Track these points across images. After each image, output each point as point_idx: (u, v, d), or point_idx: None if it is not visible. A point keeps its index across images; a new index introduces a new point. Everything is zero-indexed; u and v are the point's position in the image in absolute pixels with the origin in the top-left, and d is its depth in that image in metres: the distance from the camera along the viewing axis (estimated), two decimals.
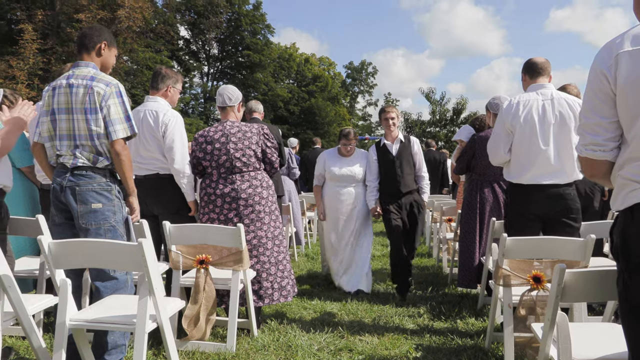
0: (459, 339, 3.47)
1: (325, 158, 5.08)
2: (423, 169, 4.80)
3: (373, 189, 4.82)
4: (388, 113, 4.76)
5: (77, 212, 2.58)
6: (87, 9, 19.96)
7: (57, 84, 2.67)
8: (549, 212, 3.20)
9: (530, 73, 3.34)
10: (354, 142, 4.99)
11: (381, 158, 4.77)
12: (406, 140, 4.79)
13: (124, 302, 2.48)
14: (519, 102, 3.25)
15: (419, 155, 4.79)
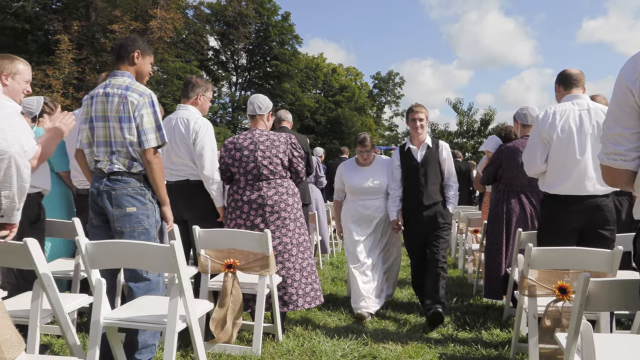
0: (483, 349, 3.46)
1: (342, 170, 4.53)
2: (452, 177, 4.29)
3: (396, 198, 4.31)
4: (416, 113, 4.21)
5: (113, 215, 2.69)
6: (120, 20, 20.55)
7: (95, 93, 2.80)
8: (585, 223, 3.17)
9: (564, 84, 3.33)
10: (371, 148, 4.48)
11: (404, 164, 4.27)
12: (434, 145, 4.26)
13: (156, 302, 2.57)
14: (555, 112, 3.23)
15: (447, 162, 4.27)
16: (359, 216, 4.41)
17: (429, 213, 4.15)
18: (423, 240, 4.21)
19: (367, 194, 4.39)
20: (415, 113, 4.22)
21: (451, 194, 4.28)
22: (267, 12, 33.28)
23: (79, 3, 24.37)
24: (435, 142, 4.31)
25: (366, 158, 4.44)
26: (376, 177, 4.39)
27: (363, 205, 4.39)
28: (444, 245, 4.21)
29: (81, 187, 3.79)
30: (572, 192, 3.16)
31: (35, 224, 2.93)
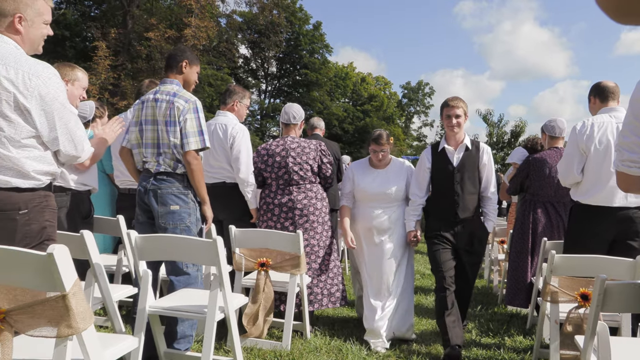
0: (505, 354, 3.54)
1: (353, 170, 3.90)
2: (491, 187, 3.64)
3: (416, 206, 3.68)
4: (451, 108, 3.53)
5: (158, 212, 2.90)
6: (156, 28, 21.15)
7: (145, 98, 3.02)
8: (616, 234, 3.21)
9: (600, 97, 3.37)
10: (388, 147, 3.80)
11: (436, 167, 3.62)
12: (474, 147, 3.61)
13: (195, 294, 2.76)
14: (593, 124, 3.26)
15: (488, 169, 3.63)
16: (367, 226, 3.79)
17: (463, 230, 3.55)
18: (454, 258, 3.59)
19: (378, 201, 3.77)
20: (451, 108, 3.54)
21: (490, 209, 3.65)
22: (299, 21, 33.72)
23: (116, 11, 25.21)
24: (476, 144, 3.64)
25: (381, 159, 3.79)
26: (391, 182, 3.76)
27: (372, 214, 3.76)
28: (475, 269, 3.71)
29: (123, 186, 4.02)
30: (604, 203, 3.20)
31: (87, 219, 3.17)
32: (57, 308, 1.47)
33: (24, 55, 2.08)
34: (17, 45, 2.09)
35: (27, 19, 2.10)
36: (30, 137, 2.06)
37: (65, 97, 2.17)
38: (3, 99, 1.97)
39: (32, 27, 2.13)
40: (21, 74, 2.00)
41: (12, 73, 1.99)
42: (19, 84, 1.99)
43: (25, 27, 2.10)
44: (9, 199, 2.01)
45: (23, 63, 2.03)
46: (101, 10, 26.89)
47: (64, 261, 1.45)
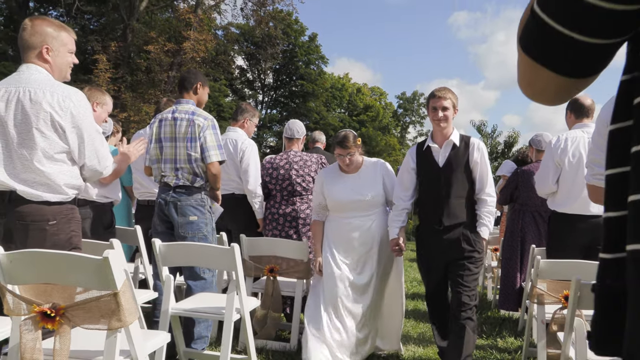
0: (498, 354, 3.80)
1: (322, 179, 3.46)
2: (486, 188, 3.15)
3: (400, 211, 3.25)
4: (438, 100, 3.10)
5: (177, 222, 3.16)
6: (155, 42, 21.44)
7: (163, 117, 3.29)
8: (590, 240, 3.49)
9: (576, 113, 3.68)
10: (355, 150, 3.35)
11: (422, 167, 3.22)
12: (463, 143, 3.17)
13: (211, 297, 3.02)
14: (567, 139, 3.59)
15: (481, 168, 3.14)
16: (344, 240, 3.35)
17: (450, 236, 3.10)
18: (442, 273, 3.20)
19: (354, 210, 3.34)
20: (437, 99, 3.11)
21: (484, 212, 3.15)
22: (294, 33, 34.16)
23: (116, 25, 25.56)
24: (465, 140, 3.19)
25: (348, 164, 3.36)
26: (366, 187, 3.36)
27: (349, 226, 3.34)
28: (471, 281, 3.11)
29: (142, 198, 4.28)
30: (578, 211, 3.52)
31: (109, 229, 3.42)
32: (110, 304, 1.73)
33: (55, 81, 2.35)
34: (48, 72, 2.36)
35: (53, 49, 2.37)
36: (61, 152, 2.31)
37: (92, 117, 2.44)
38: (41, 117, 2.23)
39: (58, 56, 2.39)
40: (56, 96, 2.27)
41: (49, 95, 2.25)
42: (55, 105, 2.25)
43: (52, 56, 2.37)
44: (39, 211, 2.26)
45: (57, 87, 2.30)
46: (100, 24, 27.25)
47: (116, 264, 1.71)
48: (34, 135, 2.21)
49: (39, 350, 1.76)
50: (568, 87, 0.71)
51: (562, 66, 0.68)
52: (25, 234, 2.17)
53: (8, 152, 2.21)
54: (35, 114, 2.21)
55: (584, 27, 0.63)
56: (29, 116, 2.21)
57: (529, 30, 0.69)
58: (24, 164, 2.21)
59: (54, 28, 2.36)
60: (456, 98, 3.18)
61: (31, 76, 2.27)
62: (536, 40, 0.68)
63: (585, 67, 0.68)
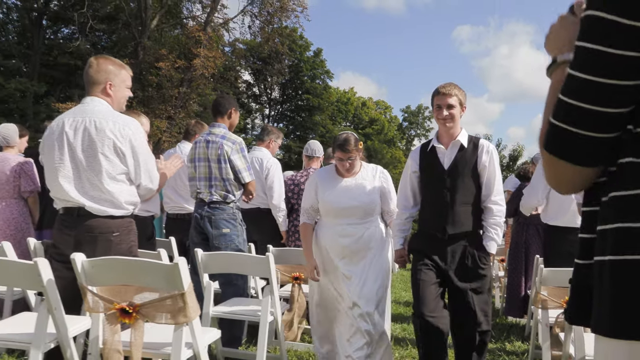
0: (506, 356, 4.09)
1: (316, 181, 3.26)
2: (493, 195, 2.89)
3: (404, 219, 3.09)
4: (443, 97, 2.84)
5: (212, 234, 3.50)
6: (166, 58, 21.97)
7: (198, 140, 3.65)
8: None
9: None
10: (357, 155, 3.13)
11: (425, 170, 2.98)
12: (471, 144, 2.92)
13: (245, 302, 3.34)
14: None
15: (489, 172, 2.89)
16: (336, 248, 3.12)
17: (454, 249, 2.85)
18: (441, 289, 2.89)
19: (348, 217, 3.11)
20: (442, 97, 2.85)
21: (491, 223, 2.89)
22: (299, 49, 34.72)
23: (127, 42, 26.18)
24: (474, 141, 2.94)
25: (349, 168, 3.15)
26: (362, 193, 3.13)
27: (342, 232, 3.10)
28: (482, 301, 2.86)
29: (172, 212, 4.61)
30: (568, 224, 3.87)
31: (150, 240, 3.76)
32: (177, 303, 2.06)
33: (115, 111, 2.70)
34: (108, 104, 2.71)
35: (115, 85, 2.73)
36: (122, 173, 2.65)
37: (145, 142, 2.78)
38: (105, 143, 2.58)
39: (118, 91, 2.75)
40: (117, 125, 2.61)
41: (111, 124, 2.60)
42: (116, 133, 2.60)
43: (114, 91, 2.73)
44: (105, 224, 2.59)
45: (117, 117, 2.65)
46: (112, 41, 27.90)
47: (183, 269, 2.04)
48: (99, 159, 2.55)
49: (117, 342, 2.08)
50: (589, 174, 0.93)
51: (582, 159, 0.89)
52: (94, 244, 2.49)
53: (77, 173, 2.55)
54: (101, 140, 2.55)
55: (596, 127, 0.85)
56: (95, 142, 2.55)
57: (551, 136, 0.92)
58: (92, 183, 2.55)
59: (115, 67, 2.72)
60: (463, 94, 2.88)
61: (95, 107, 2.63)
62: (559, 143, 0.90)
63: (599, 157, 0.89)
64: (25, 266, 2.11)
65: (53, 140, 2.58)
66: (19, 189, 4.22)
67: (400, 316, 5.57)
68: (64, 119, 2.61)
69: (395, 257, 3.14)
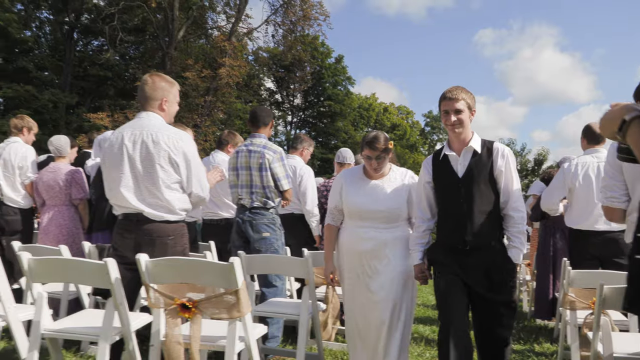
0: (535, 356, 4.20)
1: (342, 181, 3.17)
2: (513, 201, 2.74)
3: (422, 232, 2.91)
4: (449, 102, 2.71)
5: (253, 238, 3.72)
6: (193, 68, 22.47)
7: (240, 149, 3.88)
8: (603, 252, 3.92)
9: (587, 138, 4.14)
10: (385, 154, 3.02)
11: (439, 180, 2.84)
12: (485, 149, 2.77)
13: (283, 302, 3.54)
14: (577, 164, 4.07)
15: (507, 177, 2.75)
16: (357, 252, 3.03)
17: (477, 262, 2.69)
18: (466, 301, 2.74)
19: (372, 220, 3.02)
20: (448, 102, 2.71)
21: (514, 232, 2.75)
22: (321, 56, 35.01)
23: (154, 52, 26.84)
24: (488, 145, 2.80)
25: (376, 167, 3.04)
26: (388, 197, 3.02)
27: (364, 236, 3.01)
28: (509, 315, 2.74)
29: (205, 217, 4.85)
30: (591, 227, 3.97)
31: (194, 244, 3.99)
32: (232, 299, 2.26)
33: (168, 125, 2.94)
34: (162, 118, 2.95)
35: (168, 101, 2.98)
36: (176, 182, 2.88)
37: (196, 153, 3.01)
38: (161, 155, 2.81)
39: (171, 106, 3.01)
40: (172, 138, 2.85)
41: (166, 137, 2.83)
42: (171, 145, 2.83)
43: (167, 106, 2.98)
44: (162, 228, 2.83)
45: (171, 130, 2.88)
46: (139, 51, 28.63)
47: (238, 268, 2.25)
48: (156, 169, 2.78)
49: (178, 335, 2.29)
50: None
51: None
52: (152, 247, 2.72)
53: (136, 182, 2.79)
54: (157, 152, 2.79)
55: None
56: (151, 154, 2.79)
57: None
58: (150, 191, 2.79)
59: (168, 84, 2.97)
60: (471, 98, 2.76)
61: (150, 122, 2.87)
62: None
63: None
64: (96, 266, 2.35)
65: (113, 153, 2.83)
66: (70, 197, 4.52)
67: (428, 319, 5.71)
68: (123, 132, 2.86)
69: (415, 273, 2.91)
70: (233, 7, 25.56)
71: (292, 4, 24.18)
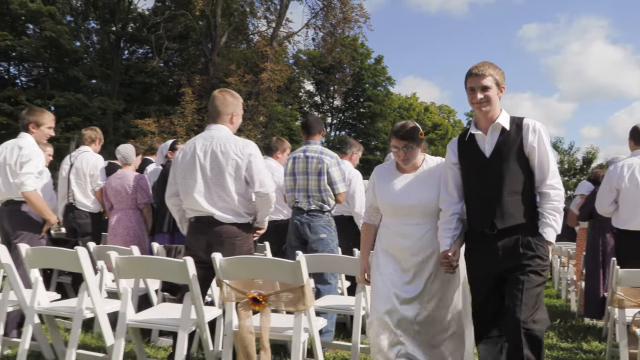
0: (583, 354, 4.27)
1: (374, 178, 3.03)
2: (548, 178, 2.58)
3: (449, 217, 2.73)
4: (475, 78, 2.58)
5: (310, 239, 3.97)
6: (235, 73, 23.03)
7: (296, 156, 4.14)
8: None
9: (635, 140, 4.19)
10: (414, 144, 2.83)
11: (465, 161, 2.72)
12: (514, 125, 2.62)
13: (337, 298, 3.77)
14: (623, 166, 4.12)
15: (539, 152, 2.57)
16: (396, 249, 2.85)
17: (506, 243, 2.55)
18: (495, 287, 2.64)
19: (407, 216, 2.83)
20: (474, 78, 2.59)
21: (547, 209, 2.57)
22: (360, 57, 35.09)
23: (197, 59, 27.66)
24: (517, 122, 2.64)
25: (405, 159, 2.85)
26: (422, 190, 2.83)
27: (402, 233, 2.83)
28: (532, 295, 2.49)
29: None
30: (638, 228, 4.02)
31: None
32: (298, 293, 2.50)
33: (234, 135, 3.23)
34: (229, 130, 3.23)
35: (236, 115, 3.28)
36: (243, 188, 3.15)
37: (261, 158, 3.25)
38: (229, 163, 3.09)
39: (238, 119, 3.32)
40: (239, 148, 3.13)
41: (234, 147, 3.12)
42: (239, 153, 3.11)
43: (235, 119, 3.27)
44: (231, 230, 3.10)
45: (238, 141, 3.17)
46: (182, 58, 29.54)
47: (304, 265, 2.48)
48: (225, 176, 3.07)
49: (250, 325, 2.55)
50: None
51: None
52: (222, 247, 2.99)
53: (207, 188, 3.08)
54: (226, 161, 3.07)
55: None
56: (221, 163, 3.08)
57: None
58: (219, 196, 3.07)
59: (236, 99, 3.28)
60: (500, 73, 2.63)
61: (219, 133, 3.18)
62: None
63: None
64: (177, 264, 2.64)
65: (186, 162, 3.13)
66: (136, 201, 4.88)
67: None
68: (195, 143, 3.16)
69: (440, 259, 2.71)
70: (273, 12, 26.08)
71: (332, 6, 24.43)
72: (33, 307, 3.11)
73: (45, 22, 23.50)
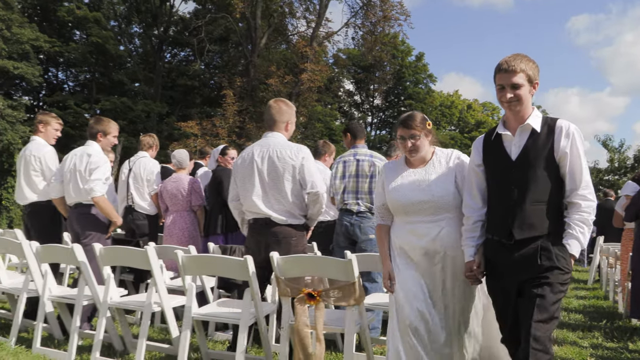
0: (628, 353, 4.29)
1: (383, 175, 2.85)
2: (580, 187, 2.35)
3: (472, 224, 2.55)
4: (506, 75, 2.37)
5: (360, 239, 4.18)
6: (275, 75, 23.39)
7: (346, 159, 4.36)
8: None
9: None
10: (421, 133, 2.69)
11: (490, 163, 2.52)
12: (546, 127, 2.40)
13: (383, 296, 3.92)
14: None
15: (572, 159, 2.35)
16: (408, 248, 2.67)
17: (524, 253, 2.35)
18: (513, 299, 2.41)
19: (417, 213, 2.65)
20: (504, 75, 2.38)
21: (575, 220, 2.35)
22: (401, 54, 34.90)
23: (237, 60, 28.17)
24: (549, 123, 2.42)
25: (411, 149, 2.69)
26: (433, 184, 2.66)
27: (413, 232, 2.65)
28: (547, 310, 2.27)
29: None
30: None
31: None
32: (350, 289, 2.69)
33: (289, 142, 3.47)
34: (284, 137, 3.46)
35: (291, 123, 3.54)
36: (297, 191, 3.37)
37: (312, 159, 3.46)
38: (286, 168, 3.32)
39: (292, 126, 3.57)
40: (293, 153, 3.37)
41: (289, 152, 3.36)
42: (294, 158, 3.35)
43: (290, 127, 3.51)
44: (287, 231, 3.34)
45: (292, 146, 3.41)
46: (223, 60, 30.15)
47: (355, 264, 2.67)
48: (281, 180, 3.30)
49: (306, 319, 2.76)
50: None
51: None
52: (279, 246, 3.22)
53: (264, 191, 3.32)
54: (282, 166, 3.31)
55: None
56: (277, 167, 3.32)
57: None
58: (276, 199, 3.31)
59: (290, 108, 3.57)
60: (533, 68, 2.38)
61: (275, 140, 3.43)
62: None
63: None
64: (238, 262, 2.88)
65: (245, 167, 3.39)
66: (190, 203, 5.18)
67: None
68: (253, 149, 3.42)
69: (465, 270, 2.54)
70: (313, 11, 26.28)
71: (372, 5, 24.43)
72: (106, 302, 3.41)
73: (91, 27, 24.47)
